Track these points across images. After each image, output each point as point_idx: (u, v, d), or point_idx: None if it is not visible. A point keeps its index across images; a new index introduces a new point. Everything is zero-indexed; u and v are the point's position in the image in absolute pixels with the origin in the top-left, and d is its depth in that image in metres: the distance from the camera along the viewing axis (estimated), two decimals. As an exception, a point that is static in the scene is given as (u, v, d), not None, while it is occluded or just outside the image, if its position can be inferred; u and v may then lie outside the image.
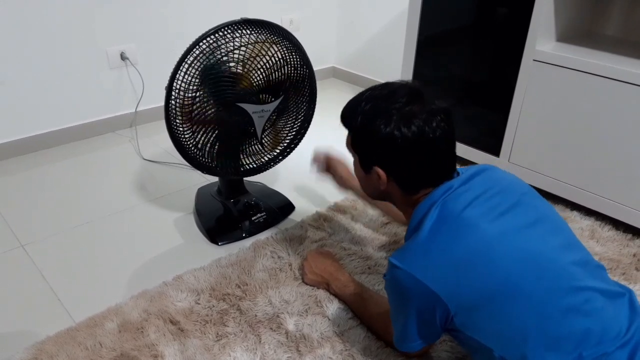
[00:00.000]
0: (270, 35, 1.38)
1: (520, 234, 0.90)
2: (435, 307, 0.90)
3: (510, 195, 0.95)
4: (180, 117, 1.36)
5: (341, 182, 1.45)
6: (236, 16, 1.36)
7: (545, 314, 0.85)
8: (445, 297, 0.88)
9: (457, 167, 1.01)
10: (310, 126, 1.61)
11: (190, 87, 1.32)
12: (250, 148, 1.51)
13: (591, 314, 0.85)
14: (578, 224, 1.66)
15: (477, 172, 0.98)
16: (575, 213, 1.72)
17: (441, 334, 0.98)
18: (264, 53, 1.37)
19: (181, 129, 1.37)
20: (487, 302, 0.87)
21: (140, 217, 1.69)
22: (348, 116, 1.01)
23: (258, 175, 1.64)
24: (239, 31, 1.34)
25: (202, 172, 1.49)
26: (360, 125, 0.97)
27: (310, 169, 1.47)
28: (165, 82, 1.33)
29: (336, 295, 1.32)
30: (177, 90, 1.32)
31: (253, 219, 1.62)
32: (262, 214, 1.63)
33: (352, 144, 1.03)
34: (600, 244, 1.58)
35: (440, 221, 0.91)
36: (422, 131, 0.91)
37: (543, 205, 0.98)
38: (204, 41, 1.30)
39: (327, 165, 1.46)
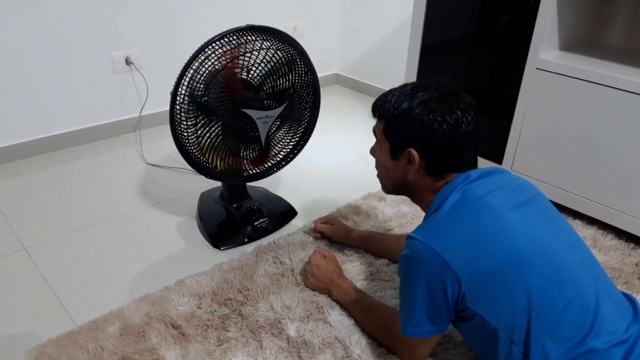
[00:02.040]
0: (275, 42, 1.39)
1: (535, 224, 0.96)
2: (446, 279, 0.92)
3: (526, 192, 1.01)
4: (184, 122, 1.37)
5: (340, 229, 1.56)
6: (241, 23, 1.37)
7: (548, 301, 0.89)
8: (457, 268, 0.91)
9: None
10: (314, 132, 1.61)
11: (196, 93, 1.33)
12: (253, 153, 1.52)
13: (591, 308, 0.89)
14: (580, 232, 1.66)
15: (492, 172, 1.03)
16: (577, 222, 1.72)
17: (450, 319, 0.99)
18: (268, 59, 1.38)
19: (185, 134, 1.38)
20: (497, 273, 0.91)
21: (142, 221, 1.70)
22: (381, 105, 1.06)
23: (261, 181, 1.65)
24: (244, 37, 1.35)
25: (206, 176, 1.50)
26: (401, 110, 1.02)
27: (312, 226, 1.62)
28: (170, 87, 1.33)
29: (337, 302, 1.32)
30: (182, 96, 1.33)
31: (255, 224, 1.62)
32: (265, 219, 1.64)
33: (385, 130, 1.06)
34: (603, 253, 1.57)
35: (461, 203, 0.97)
36: (460, 121, 0.99)
37: (551, 207, 1.03)
38: (210, 47, 1.31)
39: (326, 220, 1.59)
